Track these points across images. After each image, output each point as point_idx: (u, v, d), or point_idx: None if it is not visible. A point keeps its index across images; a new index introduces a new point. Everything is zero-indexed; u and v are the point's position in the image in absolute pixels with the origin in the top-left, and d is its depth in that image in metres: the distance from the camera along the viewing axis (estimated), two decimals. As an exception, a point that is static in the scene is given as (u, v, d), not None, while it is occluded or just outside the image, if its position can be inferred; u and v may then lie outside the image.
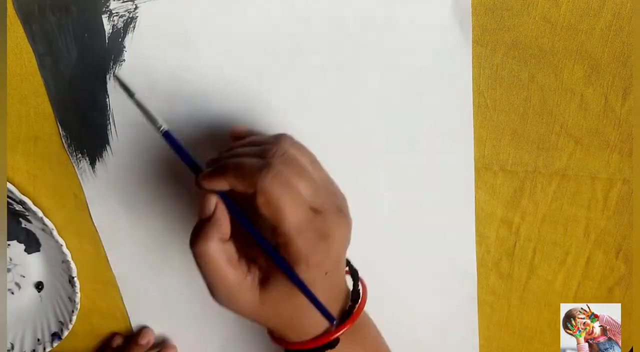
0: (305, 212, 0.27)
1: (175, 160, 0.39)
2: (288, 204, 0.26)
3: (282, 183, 0.26)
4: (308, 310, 0.29)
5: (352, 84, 0.35)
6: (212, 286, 0.29)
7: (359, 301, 0.32)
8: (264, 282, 0.29)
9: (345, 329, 0.30)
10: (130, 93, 0.31)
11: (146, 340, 0.47)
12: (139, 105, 0.31)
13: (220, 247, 0.28)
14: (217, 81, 0.36)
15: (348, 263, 0.34)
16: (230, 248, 0.29)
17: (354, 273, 0.33)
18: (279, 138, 0.29)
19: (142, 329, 0.47)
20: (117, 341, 0.48)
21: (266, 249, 0.28)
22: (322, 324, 0.31)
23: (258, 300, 0.29)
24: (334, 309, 0.31)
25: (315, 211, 0.27)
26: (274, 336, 0.33)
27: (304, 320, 0.30)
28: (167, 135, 0.30)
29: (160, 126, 0.30)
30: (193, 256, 0.28)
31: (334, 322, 0.28)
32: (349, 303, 0.32)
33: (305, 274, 0.27)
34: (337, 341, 0.31)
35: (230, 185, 0.28)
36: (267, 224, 0.27)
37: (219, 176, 0.28)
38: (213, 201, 0.29)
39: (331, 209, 0.28)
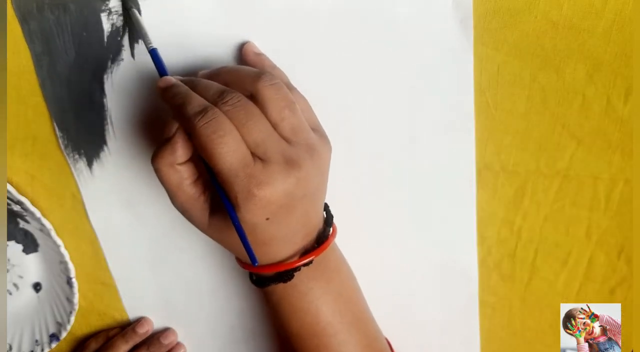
0: (241, 158, 0.28)
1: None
2: (219, 148, 0.27)
3: (215, 129, 0.27)
4: (260, 246, 0.31)
5: (352, 83, 0.35)
6: (170, 197, 0.32)
7: (323, 243, 0.33)
8: (214, 208, 0.31)
9: (299, 264, 0.32)
10: (127, 5, 0.34)
11: (145, 330, 0.47)
12: (134, 18, 0.33)
13: (172, 169, 0.30)
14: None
15: (326, 208, 0.35)
16: (186, 170, 0.30)
17: (327, 219, 0.34)
18: (248, 79, 0.30)
19: (141, 318, 0.47)
20: (113, 332, 0.48)
21: (213, 182, 0.29)
22: (282, 256, 0.32)
23: (207, 222, 0.31)
24: (293, 248, 0.32)
25: (259, 158, 0.28)
26: (238, 258, 0.35)
27: (257, 254, 0.31)
28: (153, 52, 0.32)
29: (150, 43, 0.32)
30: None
31: (256, 264, 0.29)
32: (314, 244, 0.33)
33: (242, 216, 0.28)
34: (291, 275, 0.32)
35: (173, 117, 0.30)
36: None
37: (166, 100, 0.30)
38: (174, 126, 0.30)
39: (277, 159, 0.28)
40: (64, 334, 0.47)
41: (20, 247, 0.47)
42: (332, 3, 0.32)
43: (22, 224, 0.45)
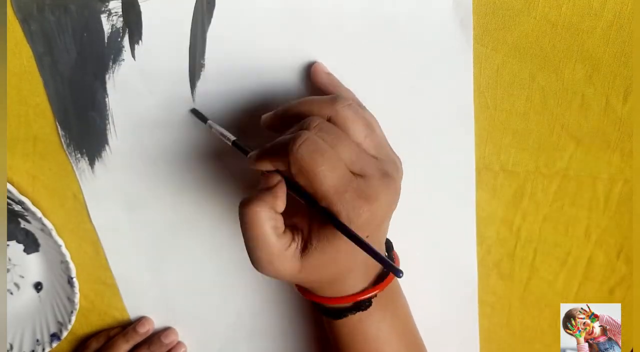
0: (342, 175, 0.27)
1: (174, 160, 0.40)
2: (321, 168, 0.26)
3: (312, 149, 0.26)
4: (349, 273, 0.31)
5: (352, 83, 0.35)
6: (253, 252, 0.29)
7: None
8: (306, 250, 0.29)
9: (378, 290, 0.32)
10: (204, 120, 0.36)
11: (145, 329, 0.47)
12: (213, 127, 0.35)
13: (270, 215, 0.29)
14: (216, 81, 0.36)
15: None
16: (280, 220, 0.29)
17: (388, 242, 0.35)
18: (324, 104, 0.29)
19: (142, 318, 0.47)
20: (114, 332, 0.48)
21: (316, 209, 0.28)
22: (358, 285, 0.32)
23: (298, 268, 0.30)
24: (371, 274, 0.32)
25: (357, 174, 0.28)
26: (303, 288, 0.34)
27: (344, 281, 0.31)
28: (235, 144, 0.34)
29: (230, 139, 0.34)
30: (240, 219, 0.29)
31: (401, 275, 0.27)
32: (383, 270, 0.33)
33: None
34: (369, 302, 0.32)
35: (273, 166, 0.29)
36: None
37: (259, 160, 0.29)
38: (276, 178, 0.29)
39: (375, 173, 0.28)
40: (64, 334, 0.47)
41: (21, 247, 0.47)
42: (332, 3, 0.32)
43: (23, 224, 0.45)
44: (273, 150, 0.28)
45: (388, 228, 0.33)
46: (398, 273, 0.27)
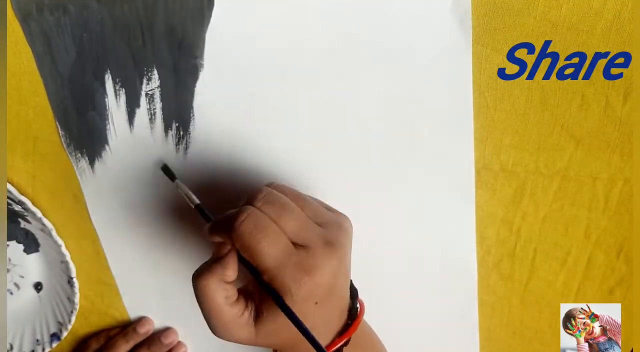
0: (283, 249, 0.28)
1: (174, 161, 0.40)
2: (262, 243, 0.28)
3: (255, 225, 0.28)
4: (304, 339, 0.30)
5: (352, 83, 0.35)
6: (208, 320, 0.31)
7: (355, 320, 0.33)
8: (259, 317, 0.30)
9: (339, 344, 0.32)
10: (172, 177, 0.38)
11: (145, 329, 0.47)
12: (179, 187, 0.37)
13: (220, 286, 0.30)
14: (215, 82, 0.36)
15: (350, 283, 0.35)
16: (231, 289, 0.30)
17: (352, 293, 0.34)
18: (261, 186, 0.31)
19: (142, 318, 0.47)
20: (114, 332, 0.48)
21: (260, 284, 0.29)
22: (321, 342, 0.31)
23: (254, 334, 0.30)
24: (333, 329, 0.32)
25: (300, 246, 0.29)
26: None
27: (303, 345, 0.31)
28: (198, 208, 0.35)
29: (194, 202, 0.36)
30: (193, 290, 0.30)
31: None
32: (348, 322, 0.33)
33: (293, 306, 0.28)
34: None
35: (223, 239, 0.30)
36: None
37: (210, 233, 0.31)
38: (226, 248, 0.30)
39: (317, 243, 0.29)
40: (64, 334, 0.47)
41: (21, 247, 0.47)
42: (330, 3, 0.32)
43: (23, 224, 0.45)
44: (221, 225, 0.30)
45: (347, 284, 0.33)
46: (321, 351, 0.28)
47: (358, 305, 0.34)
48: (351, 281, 0.35)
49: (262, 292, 0.30)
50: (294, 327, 0.29)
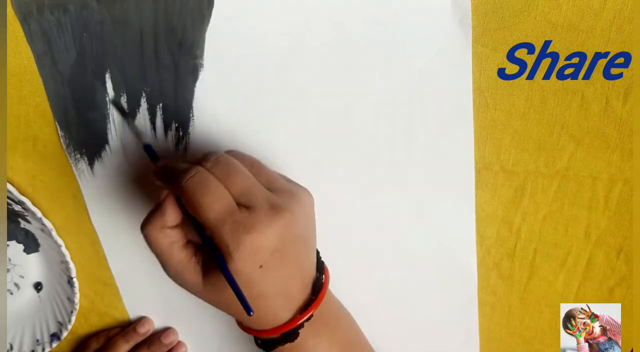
0: (226, 205, 0.29)
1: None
2: (204, 198, 0.28)
3: (198, 182, 0.29)
4: (263, 302, 0.31)
5: (352, 84, 0.35)
6: (161, 264, 0.32)
7: (319, 294, 0.33)
8: (207, 270, 0.31)
9: (301, 320, 0.32)
10: (124, 113, 0.37)
11: (145, 329, 0.47)
12: (131, 125, 0.37)
13: (162, 232, 0.31)
14: (216, 82, 0.36)
15: (317, 255, 0.35)
16: (175, 234, 0.31)
17: (319, 266, 0.34)
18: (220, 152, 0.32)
19: (142, 318, 0.47)
20: (114, 332, 0.48)
21: (203, 239, 0.30)
22: (282, 314, 0.32)
23: (201, 284, 0.31)
24: (294, 304, 0.32)
25: (244, 207, 0.29)
26: (239, 322, 0.34)
27: (264, 312, 0.31)
28: (148, 147, 0.36)
29: (144, 142, 0.36)
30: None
31: (251, 314, 0.29)
32: (311, 297, 0.33)
33: (235, 266, 0.28)
34: (296, 333, 0.32)
35: (167, 188, 0.31)
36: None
37: (157, 177, 0.32)
38: (164, 193, 0.31)
39: (262, 205, 0.29)
40: (64, 334, 0.47)
41: (21, 247, 0.47)
42: (330, 3, 0.33)
43: (23, 224, 0.45)
44: (167, 176, 0.31)
45: (307, 255, 0.33)
46: (249, 312, 0.28)
47: (324, 278, 0.34)
48: (319, 255, 0.35)
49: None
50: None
